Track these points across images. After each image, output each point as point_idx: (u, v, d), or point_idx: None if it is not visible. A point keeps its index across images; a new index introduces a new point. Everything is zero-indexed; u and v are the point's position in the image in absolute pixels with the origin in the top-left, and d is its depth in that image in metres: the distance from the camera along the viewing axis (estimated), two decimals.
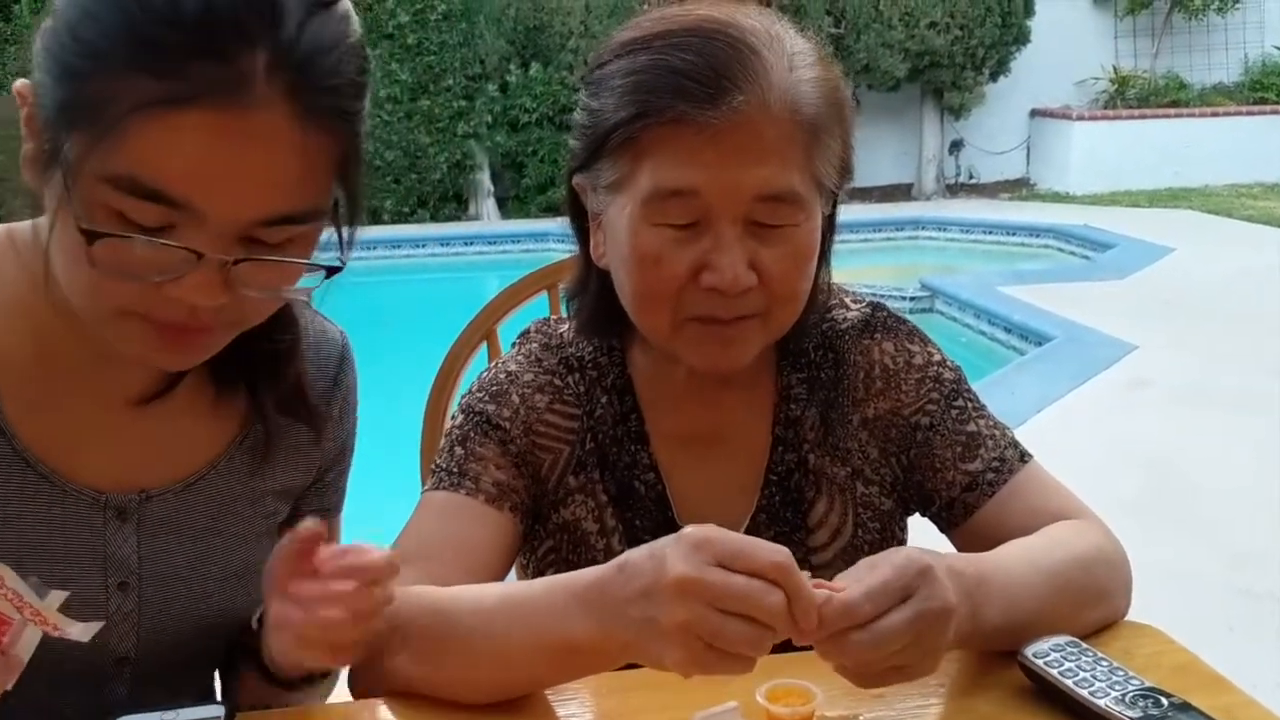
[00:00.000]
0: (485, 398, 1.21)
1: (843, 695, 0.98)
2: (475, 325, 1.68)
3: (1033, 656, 1.00)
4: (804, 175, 1.08)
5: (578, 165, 1.15)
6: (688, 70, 1.04)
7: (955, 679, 1.05)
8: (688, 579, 0.84)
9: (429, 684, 1.01)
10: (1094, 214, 10.43)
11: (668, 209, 1.07)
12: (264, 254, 0.91)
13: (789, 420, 1.24)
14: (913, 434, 1.23)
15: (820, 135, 1.09)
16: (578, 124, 1.15)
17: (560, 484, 1.21)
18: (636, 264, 1.09)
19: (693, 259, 1.07)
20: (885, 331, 1.26)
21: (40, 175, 0.92)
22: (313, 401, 1.16)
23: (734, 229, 1.07)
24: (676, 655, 0.85)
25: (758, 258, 1.08)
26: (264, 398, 1.13)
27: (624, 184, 1.09)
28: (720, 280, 1.06)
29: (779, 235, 1.08)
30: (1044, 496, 1.19)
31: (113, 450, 1.07)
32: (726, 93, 1.03)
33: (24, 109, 0.93)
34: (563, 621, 0.93)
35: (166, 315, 0.91)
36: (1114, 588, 1.13)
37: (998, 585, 1.00)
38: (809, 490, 1.22)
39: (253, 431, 1.15)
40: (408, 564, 1.09)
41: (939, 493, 1.21)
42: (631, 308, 1.14)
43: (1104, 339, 6.24)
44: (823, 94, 1.09)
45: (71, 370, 1.04)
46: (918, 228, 10.32)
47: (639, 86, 1.06)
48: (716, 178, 1.05)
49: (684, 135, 1.04)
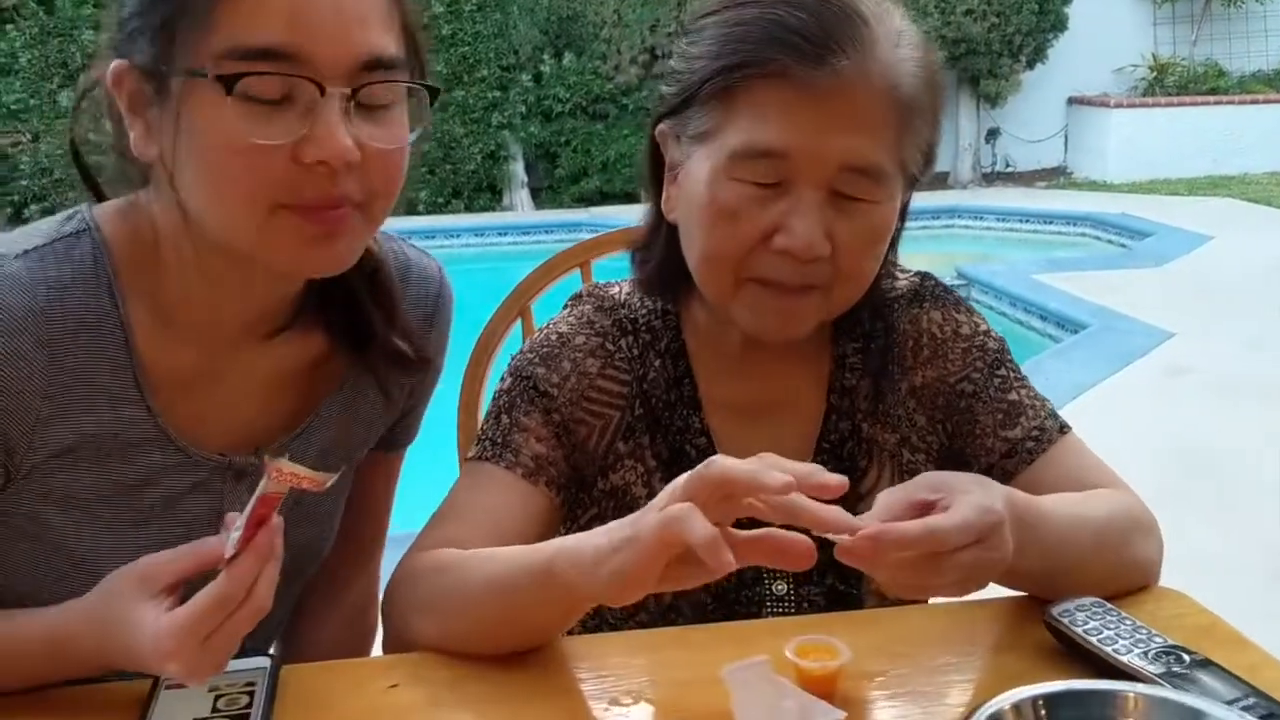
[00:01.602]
0: (535, 359, 1.22)
1: (871, 653, 0.99)
2: (509, 304, 1.69)
3: (1058, 615, 1.01)
4: (891, 154, 1.08)
5: (666, 112, 1.15)
6: (797, 26, 1.04)
7: (983, 638, 1.06)
8: (675, 486, 0.87)
9: (442, 636, 1.03)
10: (1132, 202, 10.31)
11: (754, 167, 1.07)
12: (372, 82, 0.96)
13: (843, 389, 1.24)
14: (957, 401, 1.24)
15: (912, 118, 1.09)
16: (671, 70, 1.15)
17: (609, 450, 1.21)
18: (712, 217, 1.09)
19: (769, 219, 1.07)
20: (934, 301, 1.27)
21: (153, 134, 0.97)
22: (415, 351, 1.19)
23: (816, 194, 1.07)
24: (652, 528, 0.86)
25: (834, 229, 1.08)
26: (370, 356, 1.17)
27: (712, 135, 1.09)
28: (793, 243, 1.06)
29: (858, 210, 1.08)
30: (1080, 467, 1.19)
31: (235, 414, 1.11)
32: (833, 54, 1.04)
33: (121, 93, 0.98)
34: (548, 546, 0.97)
35: (310, 191, 0.95)
36: (1147, 553, 1.14)
37: (1043, 532, 1.01)
38: (861, 459, 1.23)
39: (350, 375, 1.18)
40: (439, 526, 1.13)
41: (978, 458, 1.22)
42: (696, 263, 1.14)
43: (1140, 327, 6.18)
44: (923, 77, 1.10)
45: (201, 336, 1.08)
46: (954, 216, 10.29)
47: (744, 37, 1.07)
48: (808, 140, 1.05)
49: (783, 91, 1.05)
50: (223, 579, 0.87)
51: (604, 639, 1.13)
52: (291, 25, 0.92)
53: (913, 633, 1.08)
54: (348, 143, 0.94)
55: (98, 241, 1.04)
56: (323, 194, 0.96)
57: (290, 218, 0.96)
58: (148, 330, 1.05)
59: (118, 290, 1.03)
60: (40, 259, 1.01)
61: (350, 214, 0.98)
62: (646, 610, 1.19)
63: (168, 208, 1.02)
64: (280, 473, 0.83)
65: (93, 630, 0.93)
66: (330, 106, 0.93)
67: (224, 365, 1.09)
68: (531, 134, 11.10)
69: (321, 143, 0.93)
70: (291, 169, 0.94)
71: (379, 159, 0.98)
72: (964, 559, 0.90)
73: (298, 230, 0.97)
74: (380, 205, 1.01)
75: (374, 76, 0.96)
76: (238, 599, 0.87)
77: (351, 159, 0.95)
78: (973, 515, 0.90)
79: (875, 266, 1.14)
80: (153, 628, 0.88)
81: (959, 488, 0.93)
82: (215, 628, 0.87)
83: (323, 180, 0.95)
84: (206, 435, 1.10)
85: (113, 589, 0.93)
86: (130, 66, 0.97)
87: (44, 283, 1.00)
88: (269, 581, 0.89)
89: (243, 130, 0.92)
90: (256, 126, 0.92)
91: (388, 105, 0.99)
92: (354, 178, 0.96)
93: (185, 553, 0.91)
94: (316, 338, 1.15)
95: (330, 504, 1.23)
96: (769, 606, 1.19)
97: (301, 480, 0.84)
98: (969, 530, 0.89)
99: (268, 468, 0.83)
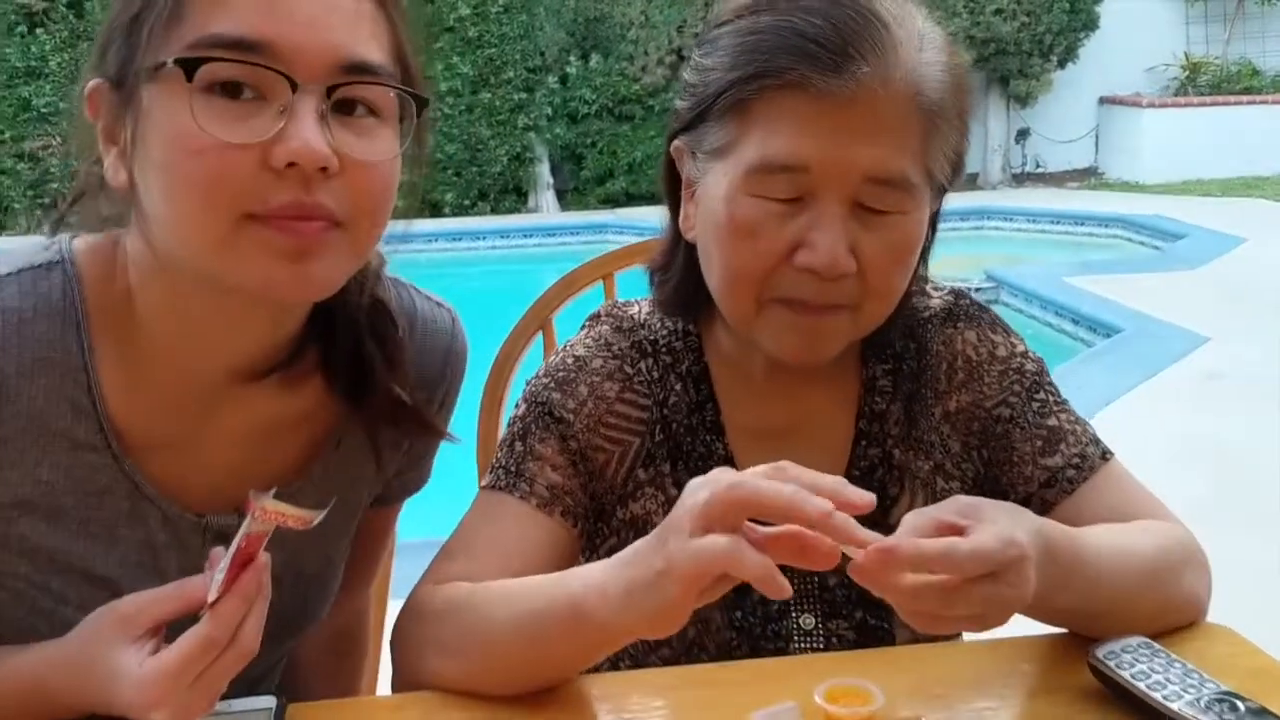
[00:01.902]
0: (551, 384, 1.17)
1: (905, 696, 0.95)
2: (530, 317, 1.65)
3: (1103, 657, 0.96)
4: (917, 162, 1.03)
5: (680, 127, 1.10)
6: (814, 34, 1.00)
7: (1023, 679, 1.02)
8: (697, 505, 0.84)
9: (460, 677, 0.99)
10: (1164, 203, 10.23)
11: (773, 182, 1.02)
12: (352, 82, 0.89)
13: (873, 414, 1.19)
14: (993, 427, 1.18)
15: (938, 124, 1.04)
16: (686, 83, 1.10)
17: (629, 478, 1.17)
18: (730, 235, 1.04)
19: (791, 235, 1.03)
20: (968, 321, 1.22)
21: (123, 157, 0.90)
22: (418, 409, 1.12)
23: (839, 208, 1.02)
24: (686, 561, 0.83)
25: (859, 244, 1.03)
26: (368, 409, 1.09)
27: (728, 150, 1.05)
28: (816, 260, 1.01)
29: (884, 222, 1.04)
30: (1125, 496, 1.14)
31: (214, 471, 1.04)
32: (851, 61, 0.99)
33: (97, 117, 0.92)
34: (573, 580, 0.93)
35: (279, 198, 0.87)
36: (1196, 588, 1.09)
37: (1085, 567, 0.96)
38: (892, 487, 1.18)
39: (348, 433, 1.11)
40: (451, 560, 1.08)
41: (1015, 487, 1.17)
42: (716, 284, 1.09)
43: (1175, 331, 6.11)
44: (948, 81, 1.04)
45: (177, 387, 1.00)
46: (983, 218, 10.18)
47: (758, 46, 1.02)
48: (828, 152, 1.00)
49: (800, 102, 1.00)
50: (207, 621, 0.83)
51: (624, 678, 1.09)
52: (266, 16, 0.85)
53: (949, 673, 1.03)
54: (321, 143, 0.86)
55: (70, 276, 0.97)
56: (293, 201, 0.87)
57: (259, 230, 0.87)
58: (117, 375, 0.98)
59: (85, 331, 0.96)
60: (1, 288, 0.95)
61: (327, 231, 0.89)
62: (669, 645, 1.14)
63: (138, 244, 0.95)
64: (265, 511, 0.80)
65: (72, 675, 0.89)
66: (304, 104, 0.86)
67: (202, 424, 1.03)
68: (557, 136, 11.11)
69: (292, 142, 0.85)
70: (260, 175, 0.86)
71: (360, 172, 0.90)
72: (978, 592, 0.85)
73: (266, 244, 0.87)
74: (365, 226, 0.93)
75: (354, 78, 0.89)
76: (223, 642, 0.83)
77: (327, 163, 0.86)
78: (992, 545, 0.85)
79: (905, 282, 1.09)
80: (136, 674, 0.83)
81: (987, 515, 0.88)
82: (200, 673, 0.83)
83: (294, 186, 0.87)
84: (182, 490, 1.03)
85: (91, 633, 0.88)
86: (102, 83, 0.91)
87: (0, 314, 0.93)
88: (256, 621, 0.85)
89: (205, 127, 0.84)
90: (223, 124, 0.85)
91: (373, 121, 0.91)
92: (332, 190, 0.88)
93: (167, 594, 0.87)
94: (308, 387, 1.07)
95: (325, 569, 1.15)
96: (796, 641, 1.14)
97: (287, 519, 0.81)
98: (984, 560, 0.84)
99: (252, 506, 0.79)
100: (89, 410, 0.97)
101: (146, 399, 0.99)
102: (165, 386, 1.00)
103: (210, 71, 0.85)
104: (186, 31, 0.86)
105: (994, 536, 0.85)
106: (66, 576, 1.00)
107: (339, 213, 0.90)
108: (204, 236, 0.88)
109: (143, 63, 0.87)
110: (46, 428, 0.96)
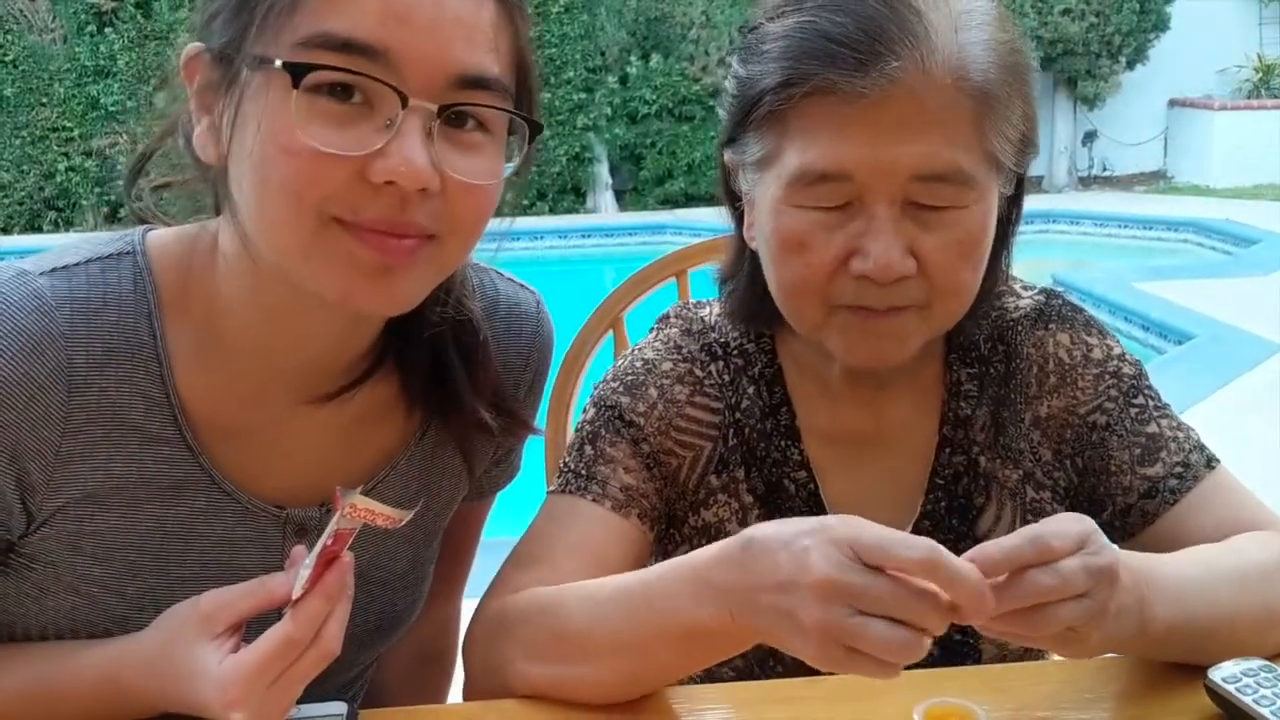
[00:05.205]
0: (620, 388, 1.13)
1: (1008, 716, 0.90)
2: (600, 313, 1.62)
3: (1220, 681, 0.90)
4: (972, 151, 0.98)
5: (725, 140, 1.07)
6: (838, 34, 0.95)
7: (1132, 702, 0.96)
8: (829, 582, 0.78)
9: (550, 684, 0.96)
10: (1236, 208, 10.03)
11: (816, 192, 0.98)
12: (466, 103, 0.85)
13: (958, 419, 1.14)
14: (1088, 434, 1.13)
15: (993, 104, 0.98)
16: (726, 93, 1.07)
17: (701, 484, 1.13)
18: (780, 249, 1.01)
19: (842, 243, 0.99)
20: (1060, 322, 1.16)
21: (216, 131, 0.87)
22: (504, 406, 1.08)
23: (890, 210, 0.97)
24: (812, 653, 0.80)
25: (918, 243, 0.98)
26: (451, 424, 1.07)
27: (770, 162, 1.01)
28: (870, 267, 0.97)
29: (943, 218, 0.99)
30: (1232, 507, 1.08)
31: (294, 464, 1.01)
32: (879, 58, 0.94)
33: (191, 83, 0.89)
34: (687, 606, 0.88)
35: (371, 212, 0.84)
36: None
37: (1168, 586, 0.91)
38: (978, 496, 1.13)
39: (432, 427, 1.08)
40: (526, 569, 1.05)
41: (1114, 498, 1.11)
42: (778, 296, 1.05)
43: (1248, 338, 5.97)
44: (996, 58, 0.98)
45: (256, 381, 0.98)
46: (1049, 221, 10.03)
47: (786, 52, 0.98)
48: (869, 157, 0.96)
49: (831, 107, 0.96)
50: (289, 620, 0.81)
51: (701, 691, 1.03)
52: (384, 19, 0.81)
53: (1051, 694, 0.97)
54: (424, 165, 0.82)
55: (141, 266, 0.94)
56: (385, 217, 0.84)
57: (344, 237, 0.84)
58: (192, 366, 0.95)
59: (159, 319, 0.93)
60: (68, 278, 0.92)
61: (419, 247, 0.86)
62: (743, 655, 1.09)
63: (229, 229, 0.92)
64: (354, 509, 0.77)
65: (151, 673, 0.87)
66: (412, 122, 0.82)
67: (283, 416, 0.99)
68: (617, 136, 11.11)
69: (394, 160, 0.81)
70: (355, 185, 0.82)
71: (462, 194, 0.86)
72: (1064, 612, 0.82)
73: (350, 255, 0.84)
74: (456, 242, 0.89)
75: (468, 96, 0.85)
76: (305, 642, 0.81)
77: (429, 185, 0.83)
78: (1078, 566, 0.82)
79: (976, 277, 1.03)
80: (216, 673, 0.81)
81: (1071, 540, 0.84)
82: (280, 673, 0.80)
83: (389, 203, 0.83)
84: (260, 482, 1.00)
85: (172, 629, 0.87)
86: (203, 51, 0.88)
87: (68, 304, 0.90)
88: (339, 623, 0.83)
89: (305, 132, 0.81)
90: (323, 131, 0.81)
91: (482, 137, 0.88)
92: (429, 208, 0.85)
93: (249, 590, 0.85)
94: (390, 381, 1.04)
95: (412, 570, 1.11)
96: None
97: (376, 517, 0.79)
98: (1070, 584, 0.81)
99: (340, 502, 0.77)
100: (162, 401, 0.94)
101: (224, 389, 0.97)
102: (245, 376, 0.97)
103: (317, 79, 0.81)
104: (298, 26, 0.82)
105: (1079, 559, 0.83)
106: (142, 580, 0.97)
107: (432, 228, 0.87)
108: (288, 238, 0.85)
109: (251, 49, 0.83)
110: (118, 420, 0.93)
